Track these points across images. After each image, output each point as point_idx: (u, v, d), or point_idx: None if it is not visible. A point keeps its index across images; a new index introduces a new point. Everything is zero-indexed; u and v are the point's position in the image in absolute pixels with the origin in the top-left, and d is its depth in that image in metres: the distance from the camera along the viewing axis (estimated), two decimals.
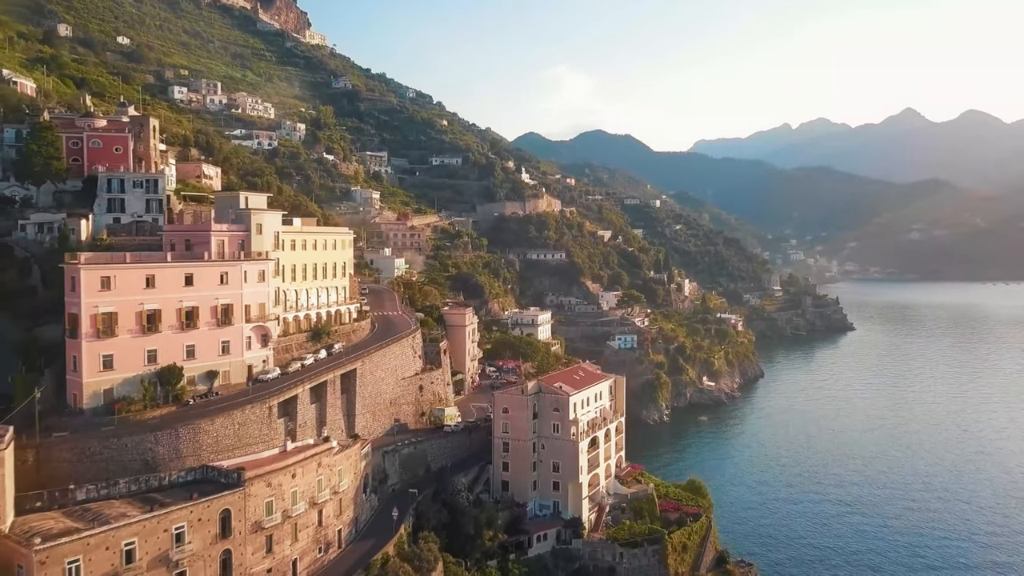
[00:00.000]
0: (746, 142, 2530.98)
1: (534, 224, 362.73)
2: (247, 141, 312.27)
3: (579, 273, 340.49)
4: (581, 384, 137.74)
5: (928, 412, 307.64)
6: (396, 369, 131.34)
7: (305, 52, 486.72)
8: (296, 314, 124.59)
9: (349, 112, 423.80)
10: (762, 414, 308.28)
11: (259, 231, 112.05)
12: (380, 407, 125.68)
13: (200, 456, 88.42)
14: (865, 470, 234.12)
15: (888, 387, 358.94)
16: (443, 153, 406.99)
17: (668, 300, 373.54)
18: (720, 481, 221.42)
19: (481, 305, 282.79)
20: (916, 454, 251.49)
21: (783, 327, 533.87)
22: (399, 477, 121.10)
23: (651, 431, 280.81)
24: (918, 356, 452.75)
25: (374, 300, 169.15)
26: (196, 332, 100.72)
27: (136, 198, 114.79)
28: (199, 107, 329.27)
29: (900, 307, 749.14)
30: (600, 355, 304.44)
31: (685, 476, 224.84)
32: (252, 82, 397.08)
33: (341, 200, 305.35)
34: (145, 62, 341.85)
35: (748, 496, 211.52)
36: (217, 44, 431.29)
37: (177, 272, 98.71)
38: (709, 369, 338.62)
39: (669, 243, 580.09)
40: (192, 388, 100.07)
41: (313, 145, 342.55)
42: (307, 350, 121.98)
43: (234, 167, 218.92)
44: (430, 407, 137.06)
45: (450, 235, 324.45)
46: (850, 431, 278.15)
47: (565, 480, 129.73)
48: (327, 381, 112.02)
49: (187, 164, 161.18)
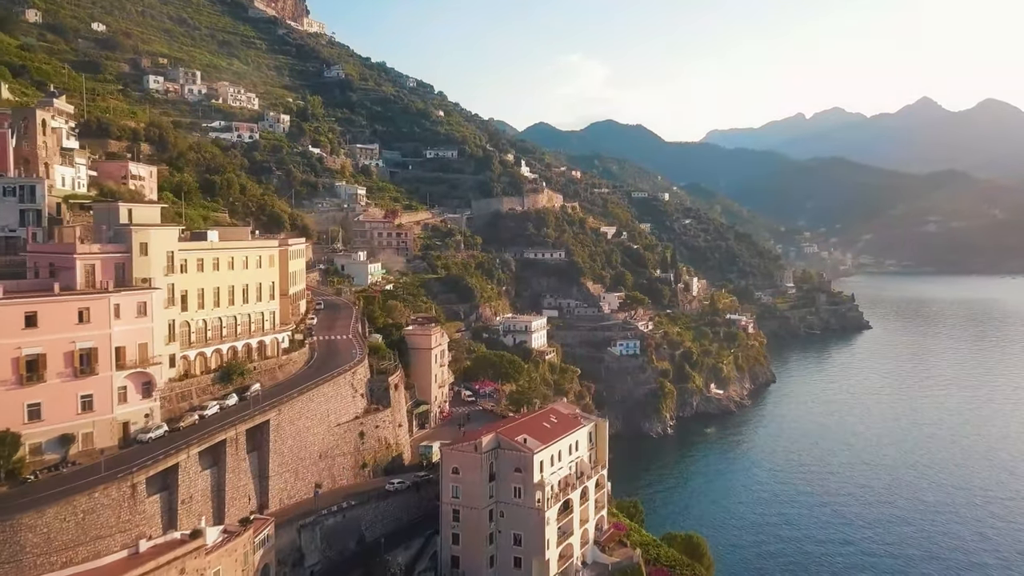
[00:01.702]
0: (759, 132, 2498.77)
1: (532, 221, 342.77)
2: (226, 134, 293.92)
3: (579, 273, 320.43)
4: (552, 434, 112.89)
5: (953, 421, 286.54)
6: (329, 414, 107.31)
7: (297, 40, 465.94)
8: (201, 351, 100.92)
9: (340, 103, 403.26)
10: (773, 425, 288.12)
11: (143, 251, 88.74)
12: (305, 463, 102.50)
13: (21, 564, 64.97)
14: (890, 496, 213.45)
15: (909, 394, 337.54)
16: (438, 146, 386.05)
17: (674, 301, 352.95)
18: (727, 507, 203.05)
19: (472, 310, 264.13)
20: (941, 471, 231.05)
21: (796, 326, 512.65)
22: (321, 555, 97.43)
23: (654, 445, 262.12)
24: (939, 358, 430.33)
25: (327, 319, 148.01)
26: (42, 387, 77.55)
27: (7, 208, 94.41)
28: (176, 97, 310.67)
29: (918, 303, 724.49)
30: (600, 362, 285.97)
31: (688, 504, 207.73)
32: (238, 71, 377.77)
33: (324, 197, 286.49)
34: (120, 50, 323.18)
35: (758, 526, 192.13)
36: (204, 31, 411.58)
37: (12, 312, 75.08)
38: (717, 375, 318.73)
39: (678, 238, 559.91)
40: (38, 459, 77.30)
41: (298, 138, 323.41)
42: (213, 395, 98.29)
43: (192, 164, 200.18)
44: (375, 456, 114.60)
45: (441, 233, 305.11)
46: (869, 448, 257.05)
47: (529, 555, 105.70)
48: (226, 440, 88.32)
49: (110, 163, 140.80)
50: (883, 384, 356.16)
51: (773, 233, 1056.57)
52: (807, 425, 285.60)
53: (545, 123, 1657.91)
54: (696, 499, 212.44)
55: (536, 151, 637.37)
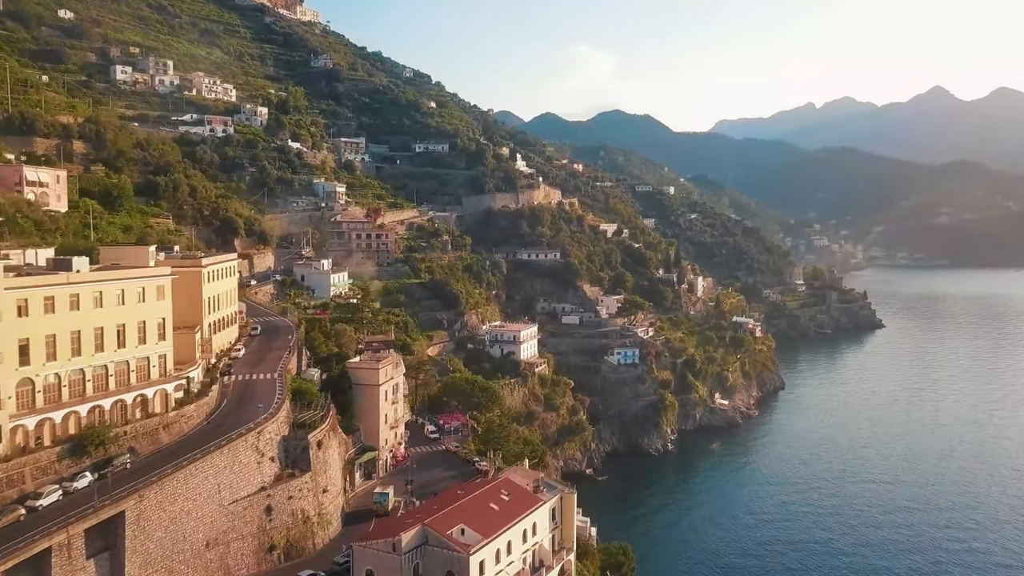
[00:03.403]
0: (768, 122, 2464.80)
1: (526, 219, 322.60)
2: (197, 128, 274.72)
3: (576, 275, 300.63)
4: (500, 520, 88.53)
5: (975, 435, 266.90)
6: (221, 489, 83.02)
7: (285, 28, 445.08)
8: (49, 416, 78.04)
9: (326, 94, 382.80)
10: (782, 439, 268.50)
11: None
12: (184, 557, 77.70)
13: None
14: (911, 520, 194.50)
15: (924, 399, 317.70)
16: (428, 139, 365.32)
17: (677, 304, 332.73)
18: (732, 539, 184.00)
19: (456, 317, 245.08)
20: (964, 488, 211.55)
21: (806, 325, 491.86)
22: None
23: (652, 464, 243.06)
24: (956, 359, 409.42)
25: (259, 350, 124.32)
26: None
27: None
28: (146, 89, 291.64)
29: (931, 298, 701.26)
30: (596, 372, 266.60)
31: (689, 538, 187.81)
32: (217, 61, 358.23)
33: (300, 195, 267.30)
34: (88, 39, 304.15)
35: (767, 558, 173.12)
36: (185, 19, 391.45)
37: None
38: (722, 384, 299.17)
39: (683, 234, 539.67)
40: None
41: (277, 131, 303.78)
42: (57, 475, 74.70)
43: (135, 163, 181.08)
44: (287, 535, 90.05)
45: (427, 233, 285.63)
46: (885, 462, 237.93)
47: None
48: (52, 547, 64.44)
49: (1, 167, 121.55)
50: (898, 390, 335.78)
51: (782, 226, 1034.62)
52: (818, 438, 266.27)
53: (552, 114, 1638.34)
54: (698, 530, 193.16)
55: (537, 144, 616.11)
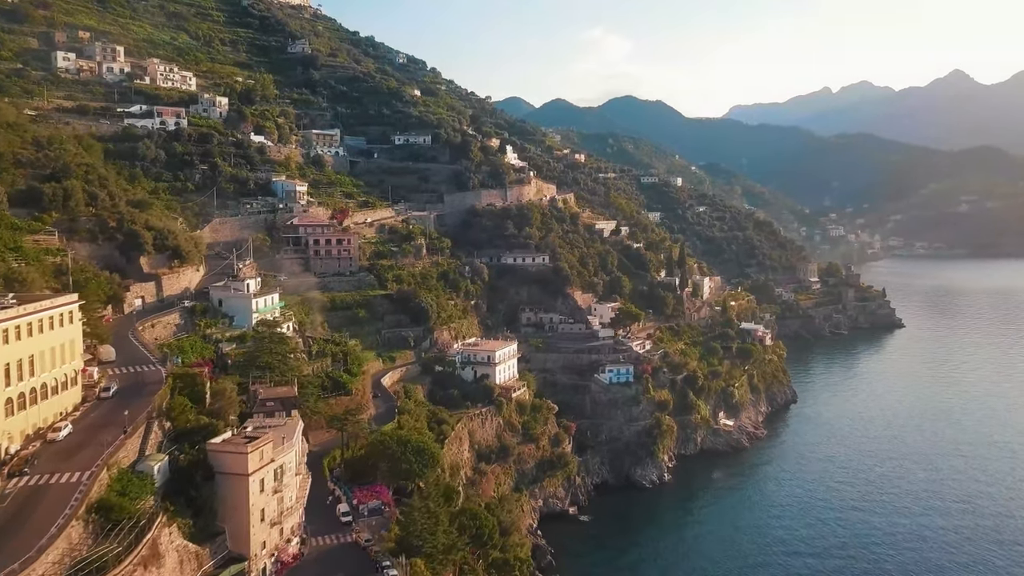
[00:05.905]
0: (784, 107, 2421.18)
1: (513, 218, 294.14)
2: (145, 120, 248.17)
3: (566, 281, 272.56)
4: None
5: (1003, 456, 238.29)
6: None
7: (262, 12, 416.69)
8: None
9: (301, 82, 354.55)
10: (792, 465, 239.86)
11: None
12: None
13: None
14: None
15: (952, 412, 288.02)
16: (409, 130, 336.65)
17: (679, 311, 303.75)
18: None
19: (424, 335, 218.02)
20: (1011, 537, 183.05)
21: (820, 326, 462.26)
22: None
23: (646, 498, 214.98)
24: (983, 363, 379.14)
25: (98, 423, 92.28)
26: None
27: None
28: (91, 78, 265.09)
29: (953, 292, 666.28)
30: (585, 393, 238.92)
31: None
32: (181, 46, 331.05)
33: (256, 196, 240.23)
34: (30, 22, 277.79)
35: None
36: (152, 2, 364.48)
37: None
38: (727, 401, 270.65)
39: (690, 228, 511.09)
40: None
41: (238, 124, 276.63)
42: None
43: (24, 166, 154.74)
44: None
45: (400, 236, 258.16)
46: (914, 502, 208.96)
47: None
48: None
49: None
50: (920, 401, 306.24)
51: (797, 215, 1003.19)
52: (833, 464, 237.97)
53: (562, 99, 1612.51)
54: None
55: (537, 133, 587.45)
